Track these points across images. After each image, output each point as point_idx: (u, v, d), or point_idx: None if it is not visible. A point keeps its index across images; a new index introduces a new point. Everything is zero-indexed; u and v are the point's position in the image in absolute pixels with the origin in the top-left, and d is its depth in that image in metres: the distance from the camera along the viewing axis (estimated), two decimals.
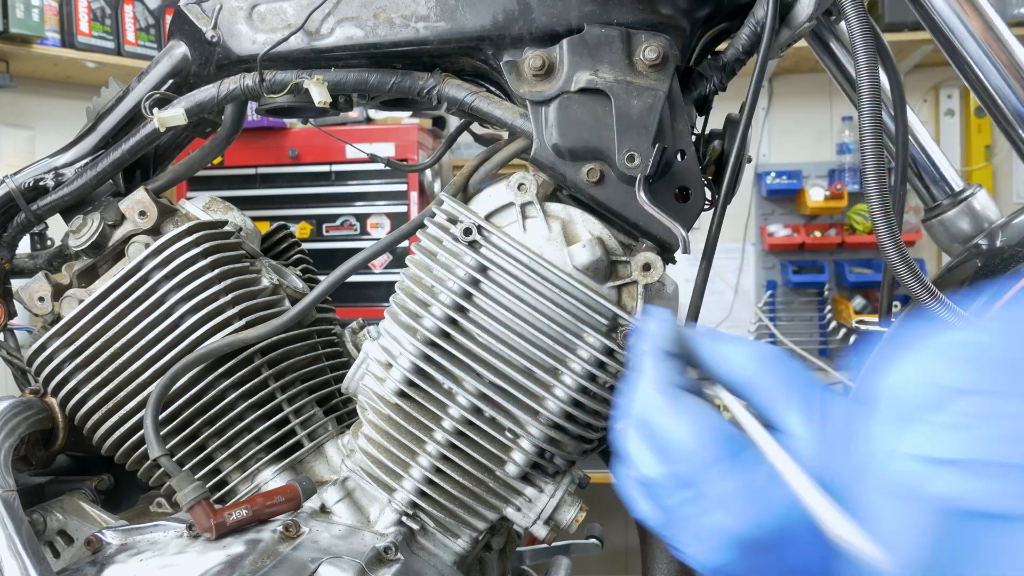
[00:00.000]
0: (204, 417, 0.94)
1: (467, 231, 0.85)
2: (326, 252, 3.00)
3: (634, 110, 0.84)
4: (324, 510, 0.90)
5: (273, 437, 0.96)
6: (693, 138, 0.91)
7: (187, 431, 0.94)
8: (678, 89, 0.86)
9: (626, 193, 0.85)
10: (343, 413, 1.05)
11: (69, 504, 0.98)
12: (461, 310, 0.85)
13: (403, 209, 3.07)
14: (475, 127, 1.13)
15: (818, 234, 3.54)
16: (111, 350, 0.93)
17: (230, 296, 0.93)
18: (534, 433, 0.85)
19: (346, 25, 0.90)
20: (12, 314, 1.04)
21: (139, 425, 0.92)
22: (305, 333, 1.01)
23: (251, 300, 0.96)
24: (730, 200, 0.91)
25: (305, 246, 1.18)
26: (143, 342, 0.93)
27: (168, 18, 2.49)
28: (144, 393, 0.93)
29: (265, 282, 1.00)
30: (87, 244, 0.96)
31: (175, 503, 0.93)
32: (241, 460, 0.96)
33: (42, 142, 3.16)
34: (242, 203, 1.10)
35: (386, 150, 3.03)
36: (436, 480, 0.87)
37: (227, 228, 1.00)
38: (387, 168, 1.24)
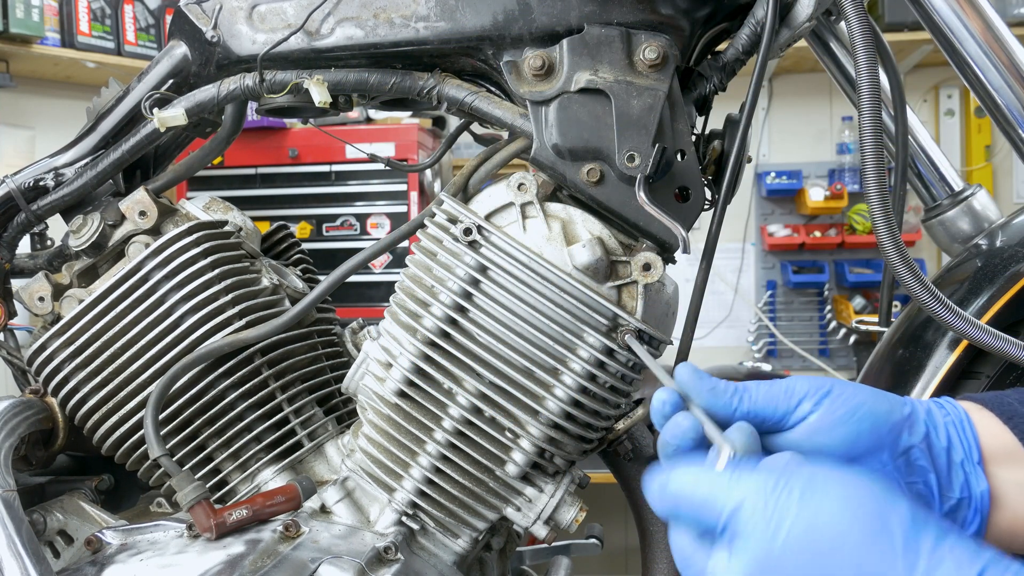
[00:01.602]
0: (204, 417, 0.94)
1: (467, 231, 0.85)
2: (326, 252, 3.00)
3: (634, 110, 0.84)
4: (324, 510, 0.90)
5: (273, 437, 0.96)
6: (693, 138, 0.91)
7: (187, 431, 0.94)
8: (678, 89, 0.86)
9: (626, 193, 0.85)
10: (343, 413, 1.05)
11: (69, 504, 0.98)
12: (461, 310, 0.85)
13: (403, 209, 3.06)
14: (475, 127, 1.13)
15: (818, 234, 3.54)
16: (111, 350, 0.93)
17: (230, 296, 0.93)
18: (534, 433, 0.85)
19: (346, 25, 0.90)
20: (12, 314, 1.04)
21: (139, 425, 0.92)
22: (305, 333, 1.01)
23: (251, 300, 0.96)
24: (730, 200, 0.91)
25: (305, 246, 1.18)
26: (143, 342, 0.93)
27: (168, 18, 2.49)
28: (144, 393, 0.93)
29: (265, 282, 1.00)
30: (87, 244, 0.96)
31: (175, 503, 0.93)
32: (241, 460, 0.96)
33: (42, 142, 3.16)
34: (242, 203, 1.10)
35: (386, 150, 3.03)
36: (436, 480, 0.87)
37: (227, 228, 1.00)
38: (387, 168, 1.24)
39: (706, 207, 0.90)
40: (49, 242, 1.09)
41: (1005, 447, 0.61)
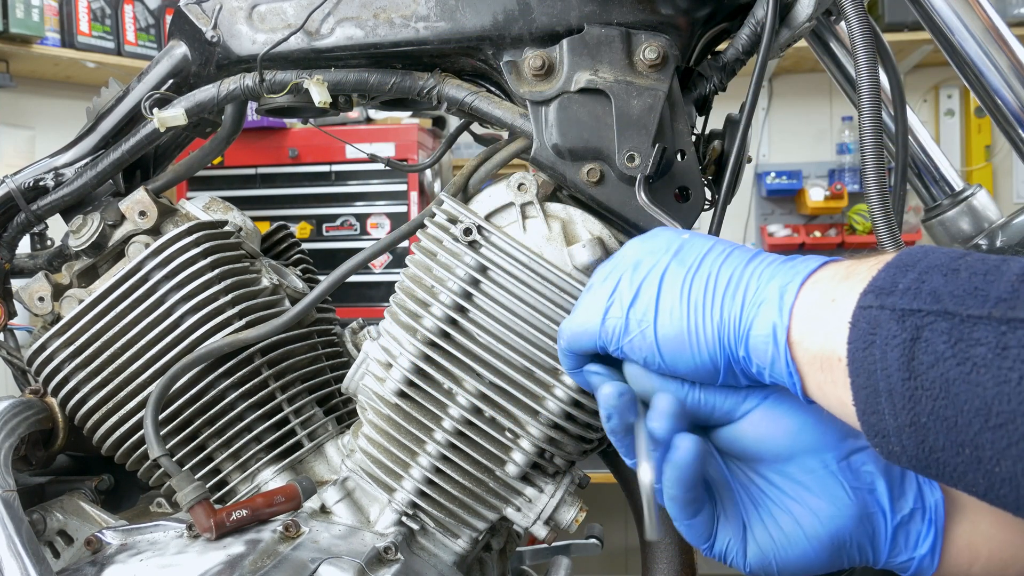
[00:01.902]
0: (204, 417, 0.94)
1: (467, 231, 0.85)
2: (326, 252, 3.00)
3: (634, 110, 0.84)
4: (324, 510, 0.90)
5: (273, 437, 0.96)
6: (693, 138, 0.91)
7: (187, 431, 0.94)
8: (678, 89, 0.86)
9: (626, 193, 0.85)
10: (343, 413, 1.05)
11: (69, 504, 0.98)
12: (461, 310, 0.85)
13: (403, 209, 3.07)
14: (475, 127, 1.13)
15: (818, 234, 3.55)
16: (111, 350, 0.93)
17: (230, 296, 0.93)
18: (534, 433, 0.85)
19: (346, 25, 0.90)
20: (12, 314, 1.04)
21: (139, 425, 0.92)
22: (305, 333, 1.01)
23: (251, 300, 0.96)
24: (730, 200, 0.91)
25: (305, 246, 1.18)
26: (143, 342, 0.93)
27: (168, 18, 2.50)
28: (144, 393, 0.93)
29: (265, 282, 1.00)
30: (87, 244, 0.96)
31: (175, 503, 0.93)
32: (241, 460, 0.96)
33: (42, 142, 3.16)
34: (242, 203, 1.10)
35: (386, 150, 3.03)
36: (436, 480, 0.87)
37: (227, 228, 1.00)
38: (387, 168, 1.24)
39: (706, 207, 0.90)
40: (49, 242, 1.09)
41: None
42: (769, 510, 0.62)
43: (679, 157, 0.85)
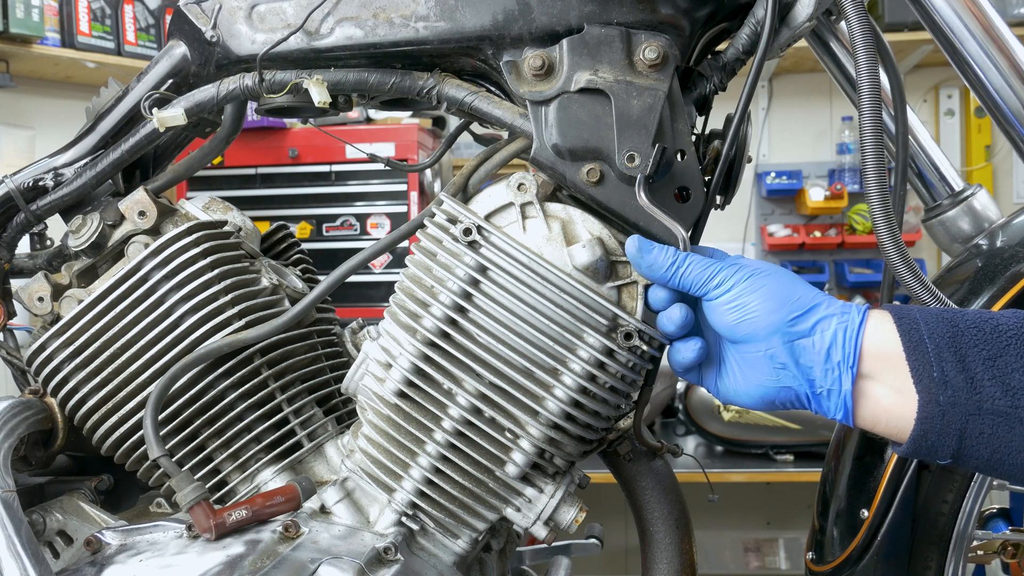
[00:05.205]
0: (204, 417, 0.94)
1: (467, 231, 0.85)
2: (326, 252, 3.00)
3: (634, 110, 0.84)
4: (324, 510, 0.90)
5: (273, 437, 0.96)
6: (693, 138, 0.91)
7: (187, 431, 0.94)
8: (678, 89, 0.86)
9: (626, 193, 0.85)
10: (343, 413, 1.05)
11: (69, 504, 0.98)
12: (461, 310, 0.85)
13: (403, 209, 3.07)
14: (475, 127, 1.13)
15: (818, 234, 3.55)
16: (111, 350, 0.93)
17: (230, 296, 0.93)
18: (534, 433, 0.85)
19: (346, 25, 0.90)
20: (12, 314, 1.04)
21: (139, 425, 0.92)
22: (305, 333, 1.01)
23: (251, 300, 0.96)
24: (729, 200, 0.91)
25: (305, 246, 1.18)
26: (143, 342, 0.93)
27: (168, 18, 2.50)
28: (144, 393, 0.93)
29: (265, 282, 1.00)
30: (87, 244, 0.96)
31: (175, 503, 0.93)
32: (241, 460, 0.96)
33: (42, 142, 3.16)
34: (242, 203, 1.10)
35: (386, 150, 3.03)
36: (436, 480, 0.87)
37: (227, 228, 1.00)
38: (387, 168, 1.24)
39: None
40: (49, 242, 1.09)
41: (881, 352, 0.74)
42: (726, 370, 0.83)
43: (679, 157, 0.85)
